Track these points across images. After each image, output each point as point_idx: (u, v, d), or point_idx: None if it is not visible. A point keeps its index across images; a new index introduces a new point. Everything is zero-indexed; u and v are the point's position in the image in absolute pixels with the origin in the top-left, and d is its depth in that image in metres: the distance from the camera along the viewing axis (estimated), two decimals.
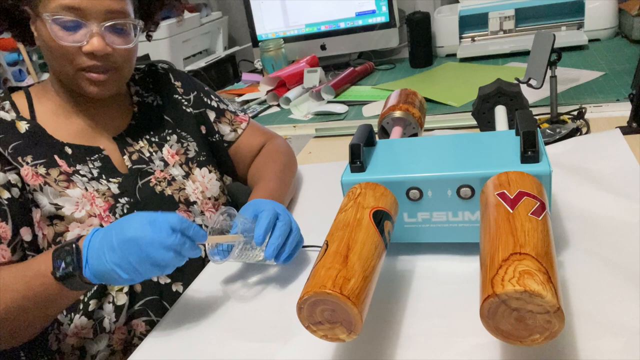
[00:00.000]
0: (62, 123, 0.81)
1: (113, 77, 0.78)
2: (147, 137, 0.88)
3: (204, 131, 0.96)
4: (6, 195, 0.73)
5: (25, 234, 0.75)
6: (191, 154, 0.91)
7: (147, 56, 1.86)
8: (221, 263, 0.68)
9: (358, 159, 0.68)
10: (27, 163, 0.76)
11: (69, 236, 0.76)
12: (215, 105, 0.98)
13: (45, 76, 1.80)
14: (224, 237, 0.67)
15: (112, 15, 0.74)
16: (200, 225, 0.84)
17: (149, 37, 0.92)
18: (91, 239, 0.61)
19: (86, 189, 0.78)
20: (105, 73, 0.77)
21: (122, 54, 0.77)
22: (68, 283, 0.61)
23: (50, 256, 0.62)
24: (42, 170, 0.76)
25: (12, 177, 0.74)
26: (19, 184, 0.74)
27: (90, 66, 0.75)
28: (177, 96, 0.94)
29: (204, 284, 0.77)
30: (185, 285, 0.81)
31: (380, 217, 0.58)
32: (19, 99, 0.82)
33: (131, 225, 0.60)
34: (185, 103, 0.94)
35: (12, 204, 0.73)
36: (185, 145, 0.91)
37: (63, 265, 0.61)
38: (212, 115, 0.97)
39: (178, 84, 0.95)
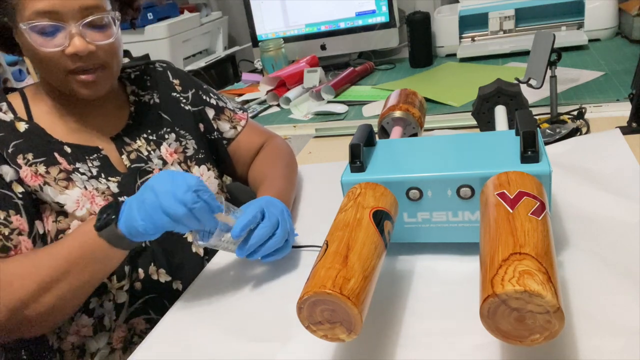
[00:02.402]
0: (58, 124, 0.81)
1: (102, 75, 0.78)
2: (145, 135, 0.88)
3: (202, 129, 0.96)
4: (20, 189, 0.73)
5: (39, 227, 0.75)
6: (190, 152, 0.91)
7: (147, 56, 1.86)
8: (202, 246, 0.68)
9: (358, 159, 0.68)
10: (28, 161, 0.75)
11: None
12: (214, 103, 0.98)
13: None
14: (226, 217, 0.68)
15: (87, 11, 0.73)
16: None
17: (133, 25, 0.92)
18: (131, 197, 0.66)
19: (85, 188, 0.78)
20: (93, 73, 0.76)
21: (106, 49, 0.76)
22: (106, 234, 0.64)
23: (95, 216, 0.66)
24: (42, 168, 0.76)
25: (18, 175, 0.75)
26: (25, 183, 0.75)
27: (78, 68, 0.75)
28: (175, 94, 0.94)
29: (204, 283, 0.77)
30: (185, 284, 0.81)
31: (380, 217, 0.58)
32: (15, 100, 0.81)
33: (155, 177, 0.64)
34: (184, 101, 0.94)
35: (25, 197, 0.74)
36: (183, 143, 0.91)
37: (104, 216, 0.64)
38: (211, 113, 0.97)
39: (176, 81, 0.95)
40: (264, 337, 0.63)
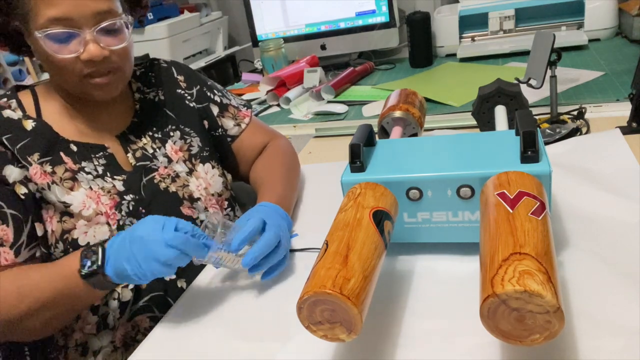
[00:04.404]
0: (66, 122, 0.82)
1: (116, 77, 0.78)
2: (150, 133, 0.88)
3: (206, 126, 0.96)
4: (23, 190, 0.74)
5: (38, 229, 0.76)
6: (194, 150, 0.91)
7: (147, 56, 1.85)
8: (198, 263, 0.69)
9: (358, 159, 0.68)
10: (34, 161, 0.76)
11: (76, 234, 0.77)
12: (219, 100, 0.98)
13: (46, 75, 1.80)
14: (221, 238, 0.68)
15: (101, 17, 0.73)
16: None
17: (141, 22, 0.92)
18: (114, 240, 0.66)
19: (91, 188, 0.78)
20: (107, 75, 0.77)
21: (120, 53, 0.77)
22: (92, 281, 0.65)
23: (77, 257, 0.66)
24: (48, 168, 0.77)
25: (27, 173, 0.75)
26: (32, 180, 0.76)
27: (92, 72, 0.75)
28: (180, 91, 0.94)
29: (206, 282, 0.77)
30: (189, 282, 0.81)
31: (380, 217, 0.58)
32: (25, 97, 0.82)
33: (141, 226, 0.65)
34: (189, 98, 0.94)
35: (27, 199, 0.74)
36: (188, 141, 0.91)
37: (89, 264, 0.65)
38: (215, 110, 0.97)
39: (181, 78, 0.95)
40: (264, 337, 0.63)
